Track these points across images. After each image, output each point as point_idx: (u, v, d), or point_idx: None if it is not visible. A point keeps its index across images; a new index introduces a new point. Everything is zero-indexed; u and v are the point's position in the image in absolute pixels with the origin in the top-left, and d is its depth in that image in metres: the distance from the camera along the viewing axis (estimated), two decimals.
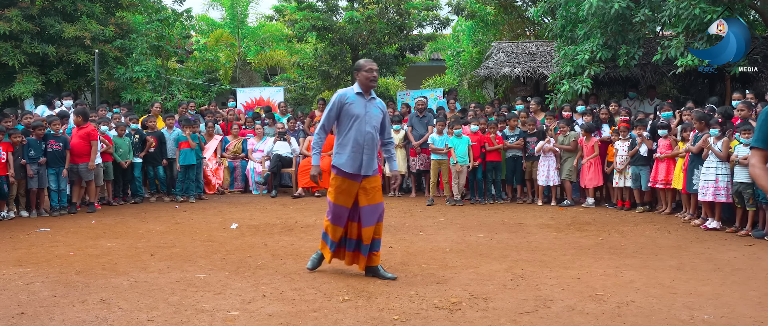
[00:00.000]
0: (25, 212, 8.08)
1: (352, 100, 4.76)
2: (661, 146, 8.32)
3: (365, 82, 4.80)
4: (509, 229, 7.23)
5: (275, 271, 5.16)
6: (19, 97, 11.33)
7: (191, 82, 14.23)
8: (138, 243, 6.40)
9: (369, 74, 4.79)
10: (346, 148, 4.74)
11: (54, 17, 11.82)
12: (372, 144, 4.79)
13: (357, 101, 4.77)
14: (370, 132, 4.78)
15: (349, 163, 4.73)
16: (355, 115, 4.74)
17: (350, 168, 4.73)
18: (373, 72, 4.81)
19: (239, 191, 10.75)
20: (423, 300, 4.31)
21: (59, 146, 8.24)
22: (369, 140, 4.76)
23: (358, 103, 4.77)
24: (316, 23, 12.43)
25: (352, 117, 4.74)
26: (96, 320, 3.93)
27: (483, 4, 14.55)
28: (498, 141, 9.49)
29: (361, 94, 4.80)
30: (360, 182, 4.78)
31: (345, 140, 4.76)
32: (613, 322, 3.91)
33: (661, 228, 7.35)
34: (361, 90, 4.81)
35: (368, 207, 4.80)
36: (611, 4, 9.30)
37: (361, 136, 4.73)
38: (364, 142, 4.74)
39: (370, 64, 4.85)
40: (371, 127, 4.79)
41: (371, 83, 4.82)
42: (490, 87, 14.64)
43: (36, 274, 5.07)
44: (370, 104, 4.83)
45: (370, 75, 4.79)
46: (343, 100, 4.76)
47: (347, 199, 4.80)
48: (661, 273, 5.13)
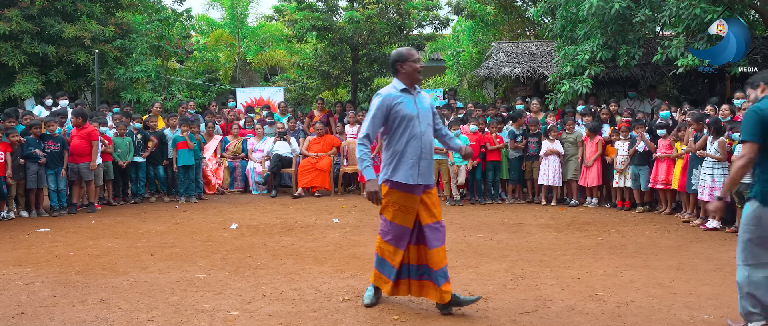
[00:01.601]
0: (24, 212, 8.08)
1: (399, 100, 3.98)
2: (660, 146, 8.32)
3: (413, 74, 4.02)
4: (509, 229, 7.23)
5: (275, 271, 5.16)
6: (19, 97, 11.33)
7: (191, 82, 14.23)
8: (138, 243, 6.40)
9: (416, 64, 4.01)
10: (402, 156, 3.95)
11: (54, 17, 11.81)
12: (430, 147, 4.08)
13: (405, 99, 3.99)
14: (426, 132, 4.05)
15: (407, 173, 3.95)
16: (407, 116, 3.96)
17: (410, 178, 3.96)
18: (419, 61, 4.06)
19: (239, 191, 10.75)
20: (422, 300, 4.31)
21: (57, 146, 8.23)
22: (427, 143, 4.04)
23: (407, 101, 3.99)
24: (316, 23, 12.42)
25: (404, 119, 3.96)
26: (96, 320, 3.94)
27: (483, 4, 14.54)
28: (499, 141, 9.49)
29: (406, 91, 4.03)
30: (420, 195, 4.03)
31: (398, 147, 3.96)
32: (613, 322, 3.91)
33: (661, 228, 7.35)
34: (405, 85, 4.03)
35: (433, 225, 4.01)
36: (611, 4, 9.30)
37: (417, 140, 3.98)
38: (421, 147, 4.00)
39: (412, 51, 4.06)
40: (426, 125, 4.06)
41: (419, 75, 4.06)
42: (490, 87, 14.64)
43: (36, 274, 5.07)
44: (419, 100, 4.07)
45: (417, 65, 4.02)
46: (390, 102, 3.95)
47: (409, 218, 4.02)
48: (661, 273, 5.13)
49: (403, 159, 3.96)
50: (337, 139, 10.90)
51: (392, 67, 4.08)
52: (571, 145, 9.22)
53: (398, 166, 3.96)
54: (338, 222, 7.71)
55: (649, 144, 8.46)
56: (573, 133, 9.24)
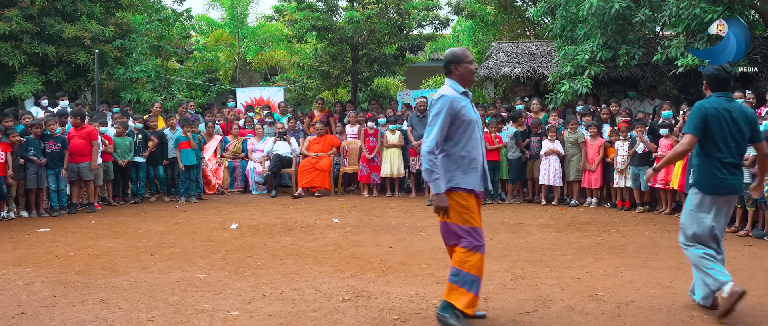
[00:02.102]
0: (24, 212, 8.08)
1: (462, 103, 3.73)
2: (662, 146, 8.32)
3: (468, 76, 3.80)
4: (509, 229, 7.23)
5: (275, 271, 5.16)
6: (19, 97, 11.33)
7: (191, 82, 14.22)
8: (138, 243, 6.40)
9: (471, 65, 3.81)
10: (469, 161, 3.73)
11: (54, 17, 11.81)
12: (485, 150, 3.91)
13: (466, 103, 3.77)
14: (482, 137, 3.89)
15: (476, 178, 3.76)
16: (468, 120, 3.73)
17: (478, 184, 3.77)
18: (474, 62, 3.87)
19: (239, 191, 10.75)
20: (423, 300, 4.31)
21: (58, 146, 8.23)
22: (483, 147, 3.88)
23: (468, 104, 3.78)
24: (316, 23, 12.42)
25: (467, 123, 3.73)
26: (96, 320, 3.94)
27: (483, 4, 14.55)
28: (498, 140, 9.48)
29: (465, 94, 3.80)
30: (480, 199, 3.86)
31: (464, 152, 3.72)
32: (613, 322, 3.91)
33: (661, 228, 7.35)
34: (462, 87, 3.81)
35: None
36: (611, 4, 9.30)
37: (479, 144, 3.80)
38: (482, 150, 3.84)
39: (467, 52, 3.86)
40: (481, 130, 3.89)
41: (473, 77, 3.87)
42: (490, 87, 14.65)
43: (36, 274, 5.07)
44: (471, 103, 3.87)
45: (472, 66, 3.82)
46: (456, 105, 3.68)
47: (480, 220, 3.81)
48: (661, 273, 5.13)
49: (470, 164, 3.73)
50: (337, 139, 10.90)
51: (446, 68, 3.85)
52: (572, 144, 9.21)
53: (466, 172, 3.71)
54: (338, 222, 7.71)
55: (648, 144, 8.46)
56: (575, 133, 9.22)
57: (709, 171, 4.02)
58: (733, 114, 3.98)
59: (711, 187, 4.01)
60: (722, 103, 4.00)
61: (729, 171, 4.01)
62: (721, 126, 3.96)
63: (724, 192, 4.01)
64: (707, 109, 3.97)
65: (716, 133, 3.97)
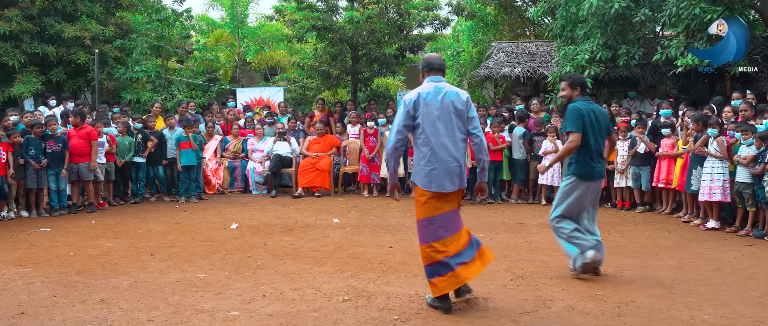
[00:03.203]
0: (25, 212, 8.08)
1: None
2: (663, 145, 8.31)
3: None
4: (509, 229, 7.23)
5: (275, 271, 5.17)
6: (19, 97, 11.33)
7: (191, 82, 14.22)
8: (138, 243, 6.40)
9: None
10: None
11: (54, 17, 11.81)
12: None
13: None
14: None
15: None
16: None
17: None
18: None
19: (239, 191, 10.75)
20: (423, 300, 4.31)
21: (58, 146, 8.23)
22: None
23: None
24: (316, 23, 12.41)
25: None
26: (96, 320, 3.94)
27: (483, 5, 14.54)
28: (501, 141, 9.47)
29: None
30: None
31: None
32: (613, 322, 3.91)
33: (661, 228, 7.35)
34: None
35: None
36: (611, 4, 9.30)
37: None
38: None
39: None
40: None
41: None
42: (490, 87, 14.65)
43: (36, 274, 5.08)
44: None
45: None
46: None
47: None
48: (661, 273, 5.13)
49: None
50: (337, 139, 10.89)
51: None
52: None
53: None
54: (338, 222, 7.71)
55: (648, 144, 8.45)
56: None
57: (585, 161, 4.86)
58: (596, 113, 4.89)
59: (587, 175, 4.86)
60: (588, 105, 4.89)
61: (597, 160, 4.90)
62: (591, 123, 4.84)
63: (595, 178, 4.90)
64: (581, 109, 4.84)
65: (589, 130, 4.82)
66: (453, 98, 4.09)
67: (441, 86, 4.14)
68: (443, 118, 4.06)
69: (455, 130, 4.08)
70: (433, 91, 4.10)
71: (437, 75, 4.21)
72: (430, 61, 4.26)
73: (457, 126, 4.09)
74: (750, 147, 6.77)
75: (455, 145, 4.08)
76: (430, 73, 4.23)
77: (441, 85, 4.14)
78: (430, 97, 4.07)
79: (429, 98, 4.08)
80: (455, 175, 4.08)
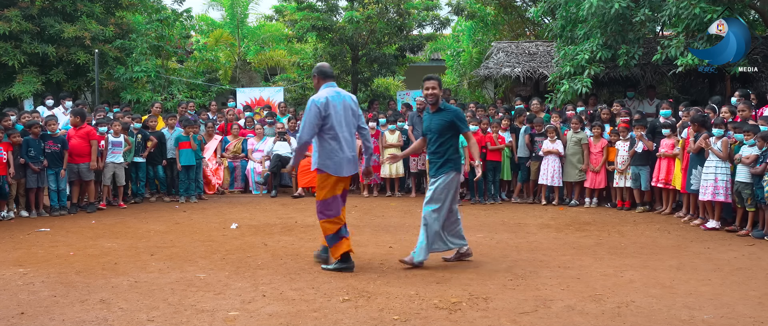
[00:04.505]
0: (25, 212, 8.08)
1: None
2: (663, 145, 8.31)
3: None
4: (509, 229, 7.23)
5: (275, 271, 5.17)
6: (19, 97, 11.33)
7: (191, 82, 14.22)
8: (138, 243, 6.40)
9: None
10: None
11: (54, 17, 11.81)
12: None
13: None
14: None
15: None
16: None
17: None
18: None
19: (239, 191, 10.75)
20: (423, 300, 4.31)
21: (58, 147, 8.23)
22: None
23: None
24: (316, 23, 12.42)
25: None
26: (96, 320, 3.94)
27: (483, 5, 14.54)
28: (501, 141, 9.47)
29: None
30: None
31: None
32: (613, 322, 3.91)
33: (661, 228, 7.35)
34: None
35: None
36: (611, 4, 9.30)
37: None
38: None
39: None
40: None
41: None
42: (490, 87, 14.65)
43: (36, 274, 5.07)
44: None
45: None
46: None
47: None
48: (661, 273, 5.13)
49: None
50: None
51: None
52: (574, 144, 9.16)
53: None
54: None
55: (647, 144, 8.45)
56: (578, 133, 9.18)
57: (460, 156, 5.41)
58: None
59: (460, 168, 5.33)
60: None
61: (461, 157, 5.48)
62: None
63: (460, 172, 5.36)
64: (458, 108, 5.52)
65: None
66: (349, 100, 5.14)
67: (338, 90, 5.14)
68: (345, 117, 5.06)
69: (352, 127, 5.14)
70: (334, 94, 5.06)
71: (331, 81, 5.17)
72: (322, 69, 5.21)
73: (352, 123, 5.13)
74: (752, 147, 6.78)
75: (353, 138, 5.16)
76: (326, 80, 5.15)
77: (338, 90, 5.14)
78: (334, 100, 5.02)
79: (334, 101, 5.02)
80: (352, 164, 5.13)
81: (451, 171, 5.24)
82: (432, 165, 5.38)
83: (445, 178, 5.23)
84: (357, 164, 5.24)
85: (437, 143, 5.32)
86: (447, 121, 5.30)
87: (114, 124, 9.00)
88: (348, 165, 5.08)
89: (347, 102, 5.11)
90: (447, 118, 5.30)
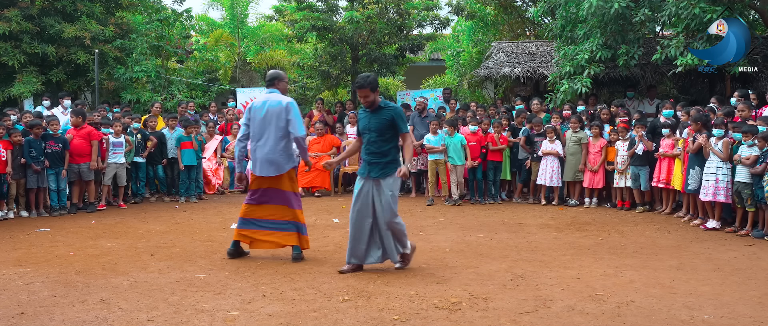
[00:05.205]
0: (25, 212, 8.08)
1: None
2: (663, 145, 8.31)
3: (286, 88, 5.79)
4: (509, 229, 7.23)
5: (275, 271, 5.17)
6: (19, 97, 11.33)
7: (191, 82, 14.22)
8: (138, 243, 6.40)
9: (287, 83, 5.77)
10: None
11: (54, 17, 11.81)
12: None
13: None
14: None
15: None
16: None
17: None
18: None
19: (239, 191, 10.74)
20: (423, 300, 4.32)
21: (58, 147, 8.23)
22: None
23: None
24: (316, 23, 12.41)
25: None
26: (96, 320, 3.94)
27: (483, 5, 14.54)
28: (502, 141, 9.47)
29: None
30: None
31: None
32: (613, 322, 3.91)
33: (661, 228, 7.35)
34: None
35: None
36: (611, 4, 9.30)
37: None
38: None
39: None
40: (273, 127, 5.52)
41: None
42: (490, 87, 14.63)
43: (36, 274, 5.07)
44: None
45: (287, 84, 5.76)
46: None
47: None
48: (661, 273, 5.13)
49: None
50: (337, 139, 10.89)
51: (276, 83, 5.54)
52: (574, 144, 9.16)
53: None
54: (338, 222, 7.70)
55: (646, 143, 8.45)
56: (578, 133, 9.17)
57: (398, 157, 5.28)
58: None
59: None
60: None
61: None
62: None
63: None
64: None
65: None
66: (275, 106, 5.34)
67: (267, 97, 5.40)
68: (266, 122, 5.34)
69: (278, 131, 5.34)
70: (260, 102, 5.40)
71: (270, 88, 5.48)
72: (266, 77, 5.59)
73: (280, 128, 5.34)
74: (752, 147, 6.78)
75: (275, 142, 5.36)
76: (268, 87, 5.50)
77: (268, 97, 5.40)
78: (256, 106, 5.41)
79: (256, 107, 5.40)
80: (271, 164, 5.39)
81: (394, 172, 5.05)
82: (373, 166, 5.06)
83: (394, 181, 5.07)
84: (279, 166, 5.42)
85: (377, 143, 5.06)
86: (387, 120, 5.04)
87: (115, 125, 9.01)
88: (261, 165, 5.42)
89: (273, 108, 5.33)
90: (387, 116, 5.04)
